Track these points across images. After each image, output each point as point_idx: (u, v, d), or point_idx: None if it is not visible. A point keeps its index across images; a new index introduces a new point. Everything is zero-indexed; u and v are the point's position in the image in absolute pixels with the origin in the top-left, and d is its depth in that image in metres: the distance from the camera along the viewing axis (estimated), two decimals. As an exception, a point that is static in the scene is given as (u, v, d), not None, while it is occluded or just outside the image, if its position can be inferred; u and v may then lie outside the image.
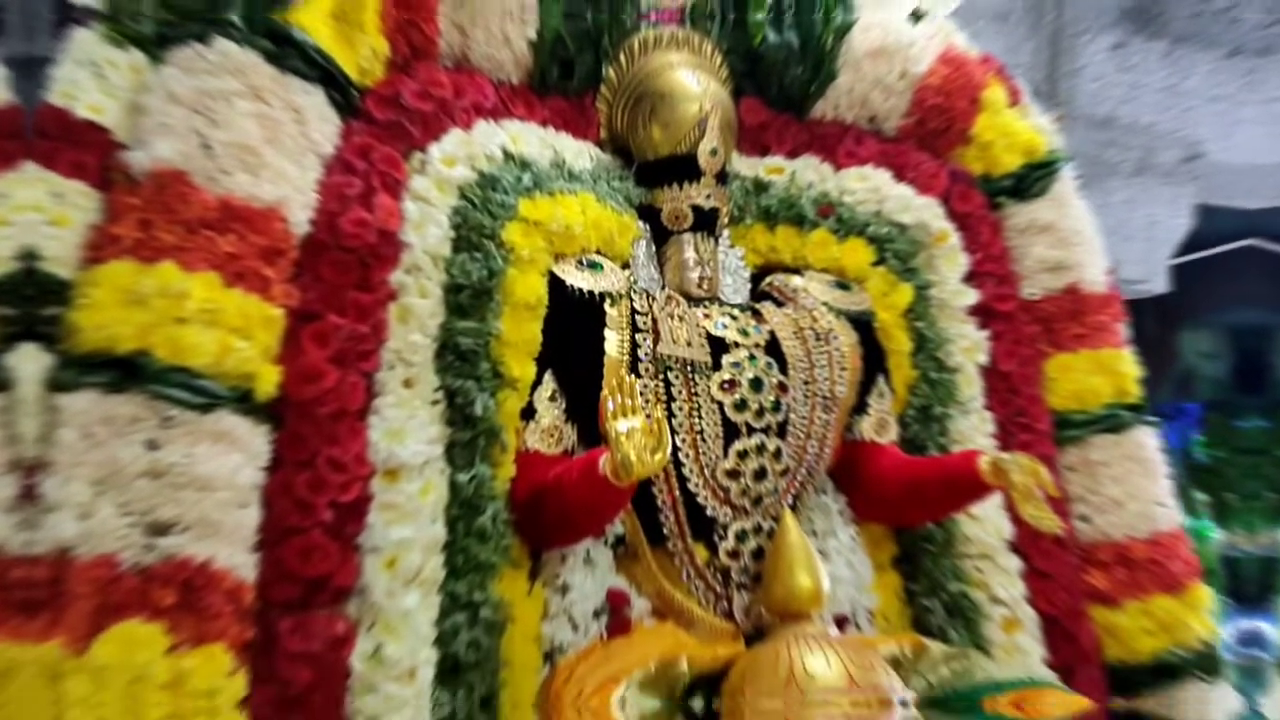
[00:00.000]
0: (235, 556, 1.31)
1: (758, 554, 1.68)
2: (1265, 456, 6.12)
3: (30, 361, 1.33)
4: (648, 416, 1.47)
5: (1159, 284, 3.85)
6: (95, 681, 1.18)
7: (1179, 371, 6.36)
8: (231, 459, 1.33)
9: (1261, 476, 6.14)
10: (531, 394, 1.61)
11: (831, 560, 1.78)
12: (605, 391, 1.47)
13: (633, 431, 1.43)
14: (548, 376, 1.63)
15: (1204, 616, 1.96)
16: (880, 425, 1.86)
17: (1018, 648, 1.84)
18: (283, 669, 1.33)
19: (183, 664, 1.22)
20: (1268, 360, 6.28)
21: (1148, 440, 2.05)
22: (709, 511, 1.67)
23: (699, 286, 1.78)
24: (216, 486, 1.31)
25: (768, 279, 1.89)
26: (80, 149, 1.39)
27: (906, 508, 1.83)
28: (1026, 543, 1.93)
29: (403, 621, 1.41)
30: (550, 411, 1.63)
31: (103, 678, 1.18)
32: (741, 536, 1.68)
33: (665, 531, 1.68)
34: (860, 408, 1.84)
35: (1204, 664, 1.94)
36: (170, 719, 1.20)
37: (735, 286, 1.85)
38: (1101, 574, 1.97)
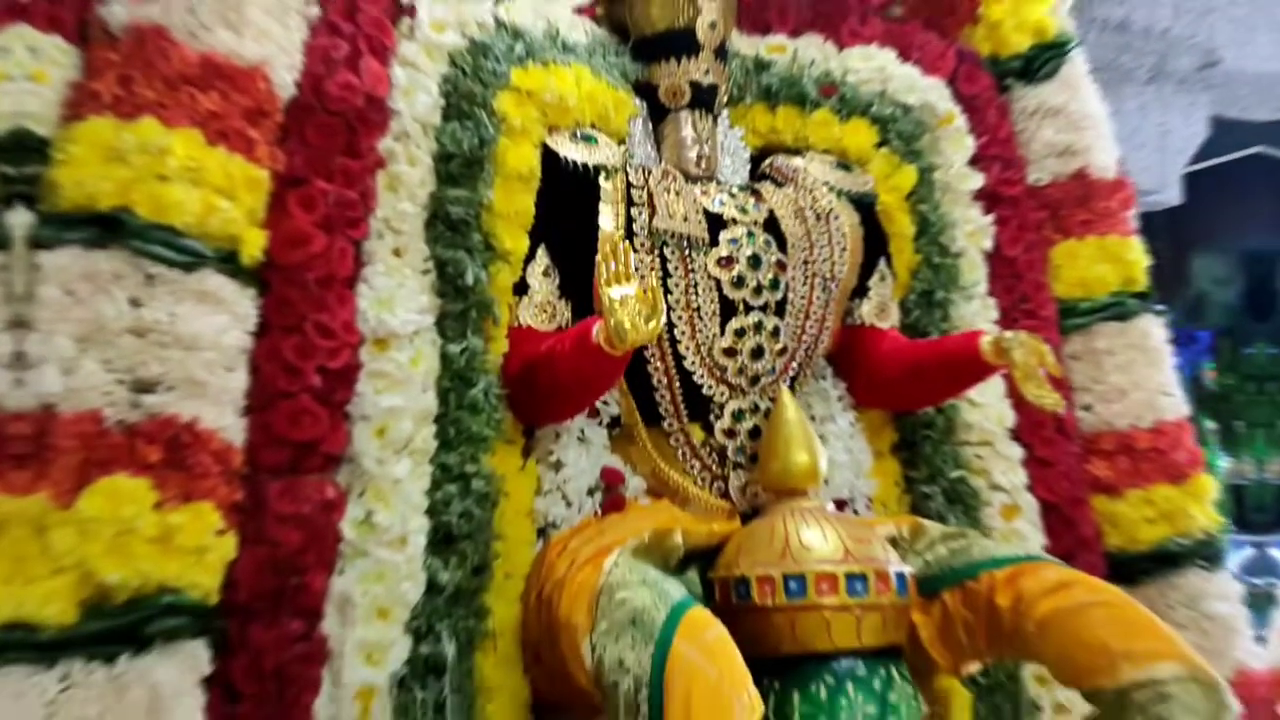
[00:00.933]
0: (223, 419, 1.30)
1: (754, 433, 1.66)
2: (1275, 383, 6.10)
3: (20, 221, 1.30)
4: (642, 282, 1.44)
5: (1172, 195, 3.78)
6: (82, 534, 1.17)
7: (1191, 297, 6.31)
8: (217, 320, 1.31)
9: (1271, 404, 6.13)
10: (524, 268, 1.59)
11: (830, 445, 1.76)
12: (599, 258, 1.44)
13: (626, 298, 1.40)
14: (541, 251, 1.60)
15: (1207, 506, 1.94)
16: (881, 309, 1.83)
17: (1017, 534, 1.83)
18: (272, 531, 1.32)
19: (170, 519, 1.21)
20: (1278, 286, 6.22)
21: (1154, 329, 2.02)
22: (705, 390, 1.65)
23: (697, 165, 1.74)
24: (202, 346, 1.28)
25: (768, 160, 1.85)
26: (56, 3, 1.35)
27: (907, 391, 1.80)
28: (1028, 431, 1.91)
29: (393, 489, 1.40)
30: (543, 287, 1.61)
31: (89, 530, 1.17)
32: (738, 416, 1.66)
33: (661, 411, 1.66)
34: (860, 291, 1.82)
35: (1206, 553, 1.93)
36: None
37: (734, 167, 1.81)
38: (1103, 463, 1.95)
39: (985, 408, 1.87)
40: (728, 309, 1.64)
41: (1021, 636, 1.49)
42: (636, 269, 1.51)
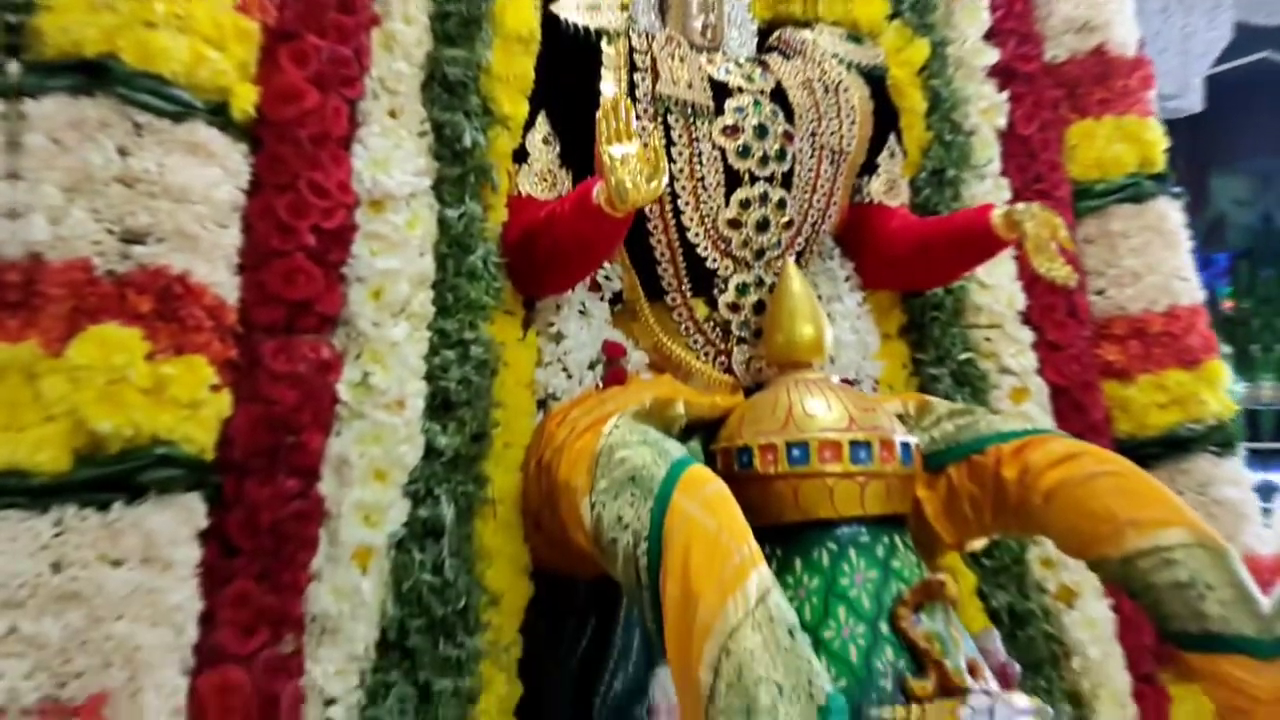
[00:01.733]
0: (215, 274, 1.27)
1: (758, 308, 1.63)
2: (1292, 307, 6.02)
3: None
4: (644, 143, 1.41)
5: (1194, 101, 3.69)
6: (73, 381, 1.15)
7: (1209, 218, 6.21)
8: (207, 173, 1.28)
9: (1288, 328, 6.05)
10: (524, 136, 1.55)
11: (837, 326, 1.74)
12: (599, 115, 1.40)
13: (628, 157, 1.36)
14: (541, 117, 1.57)
15: (1219, 392, 1.91)
16: (890, 187, 1.79)
17: (1026, 417, 1.80)
18: (267, 389, 1.31)
19: (162, 370, 1.19)
20: (1300, 209, 6.11)
21: (1170, 212, 1.97)
22: (709, 263, 1.62)
23: (702, 35, 1.69)
24: (192, 199, 1.26)
25: (776, 33, 1.80)
26: None
27: (915, 269, 1.77)
28: (1039, 314, 1.88)
29: (390, 351, 1.38)
30: (543, 155, 1.57)
31: (80, 378, 1.15)
32: (742, 289, 1.63)
33: (664, 285, 1.63)
34: (869, 167, 1.77)
35: (1217, 439, 1.90)
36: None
37: (741, 40, 1.76)
38: (1115, 348, 1.92)
39: (995, 289, 1.84)
40: (732, 179, 1.60)
41: (1027, 509, 1.47)
42: (638, 129, 1.48)
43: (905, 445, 1.46)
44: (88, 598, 1.12)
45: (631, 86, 1.57)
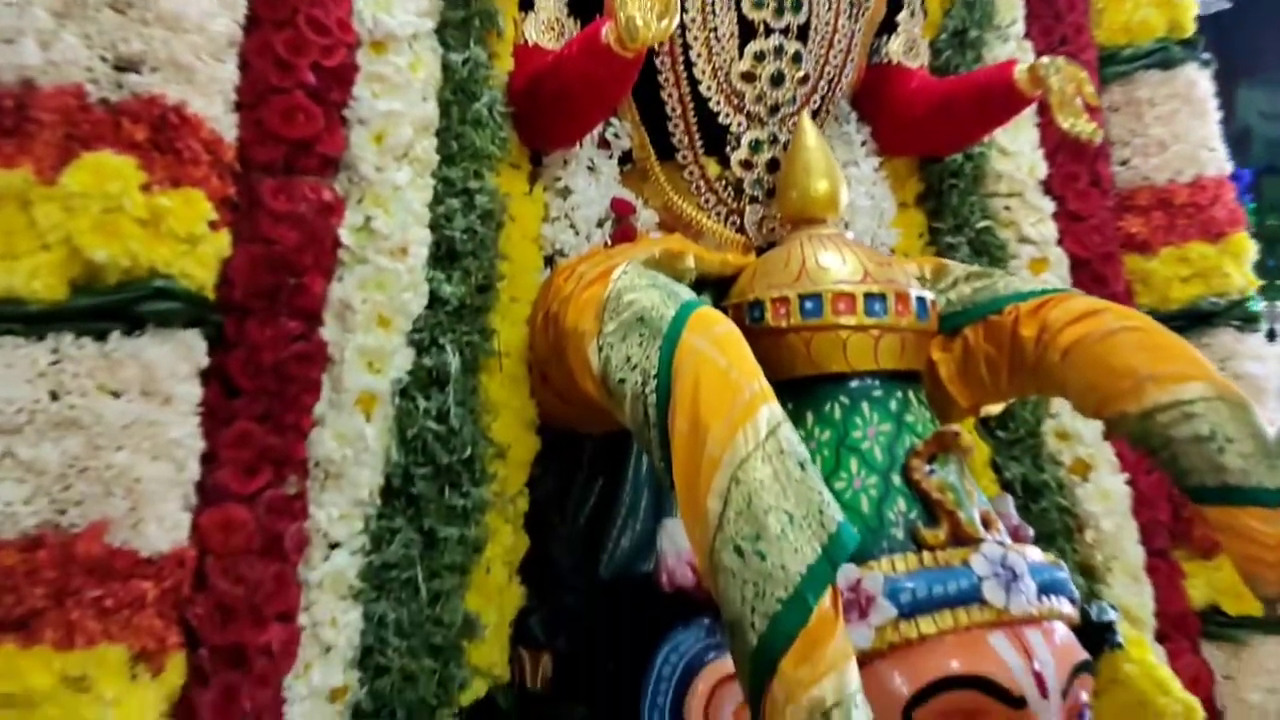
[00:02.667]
0: (211, 108, 1.23)
1: (772, 166, 1.59)
2: (1318, 224, 5.91)
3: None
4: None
5: (1220, -1, 3.57)
6: (67, 209, 1.12)
7: (1235, 132, 6.09)
8: (202, 2, 1.23)
9: (1314, 245, 5.95)
10: (531, -19, 1.51)
11: (852, 191, 1.69)
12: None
13: (639, -8, 1.32)
14: (548, -37, 1.52)
15: (1243, 266, 1.87)
16: (909, 47, 1.73)
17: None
18: (267, 229, 1.27)
19: (158, 202, 1.15)
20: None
21: (1199, 79, 1.91)
22: (721, 119, 1.57)
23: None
24: (186, 28, 1.21)
25: (793, -116, 1.73)
26: None
27: (934, 130, 1.72)
28: (1060, 183, 1.84)
29: (393, 196, 1.34)
30: (551, 3, 1.52)
31: (74, 205, 1.12)
32: (755, 146, 1.59)
33: (675, 143, 1.59)
34: (888, 26, 1.71)
35: (1239, 313, 1.87)
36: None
37: (757, -109, 1.70)
38: (1138, 219, 1.88)
39: (1016, 156, 1.80)
40: (746, 30, 1.55)
41: (1045, 367, 1.44)
42: None
43: (921, 300, 1.43)
44: (86, 426, 1.10)
45: (640, -71, 1.52)
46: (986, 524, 1.31)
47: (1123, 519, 1.76)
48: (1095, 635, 1.53)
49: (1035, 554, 1.31)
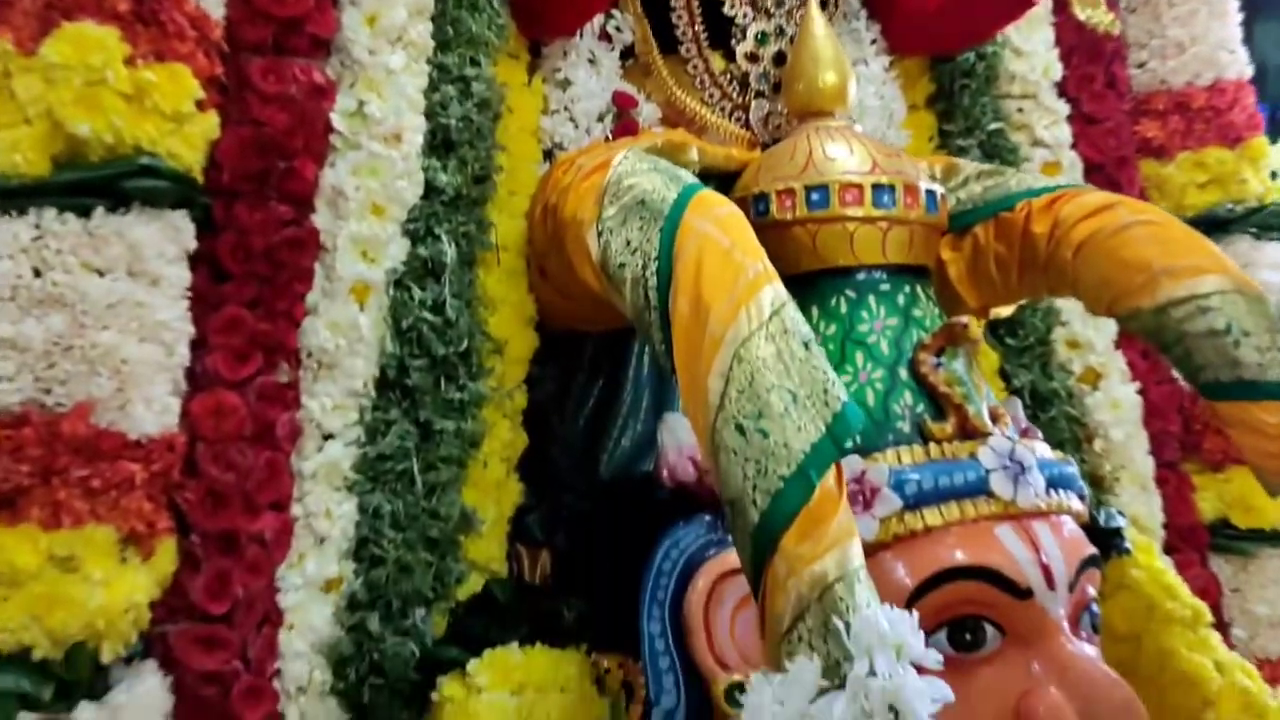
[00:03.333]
0: (196, -18, 1.20)
1: (778, 59, 1.54)
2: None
3: None
4: None
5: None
6: (48, 81, 1.08)
7: (1253, 66, 5.99)
8: None
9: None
10: None
11: (861, 90, 1.64)
12: None
13: None
14: None
15: (1261, 172, 1.82)
16: (920, -63, 1.68)
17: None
18: (256, 110, 1.24)
19: (143, 76, 1.12)
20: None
21: (1220, -22, 1.86)
22: (726, 10, 1.53)
23: None
24: (170, -103, 1.17)
25: None
26: None
27: (947, 24, 1.66)
28: (1075, 85, 1.80)
29: (387, 80, 1.30)
30: (547, -118, 1.47)
31: (56, 77, 1.08)
32: (761, 39, 1.54)
33: (678, 35, 1.54)
34: (898, -87, 1.66)
35: (1257, 220, 1.82)
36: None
37: None
38: (1155, 124, 1.83)
39: (1030, 57, 1.74)
40: (751, -83, 1.50)
41: (1057, 264, 1.40)
42: None
43: (930, 193, 1.39)
44: (71, 304, 1.07)
45: None
46: (995, 419, 1.28)
47: (1133, 429, 1.74)
48: (1103, 541, 1.51)
49: (1044, 449, 1.29)
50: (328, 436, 1.25)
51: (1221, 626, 1.74)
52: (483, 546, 1.30)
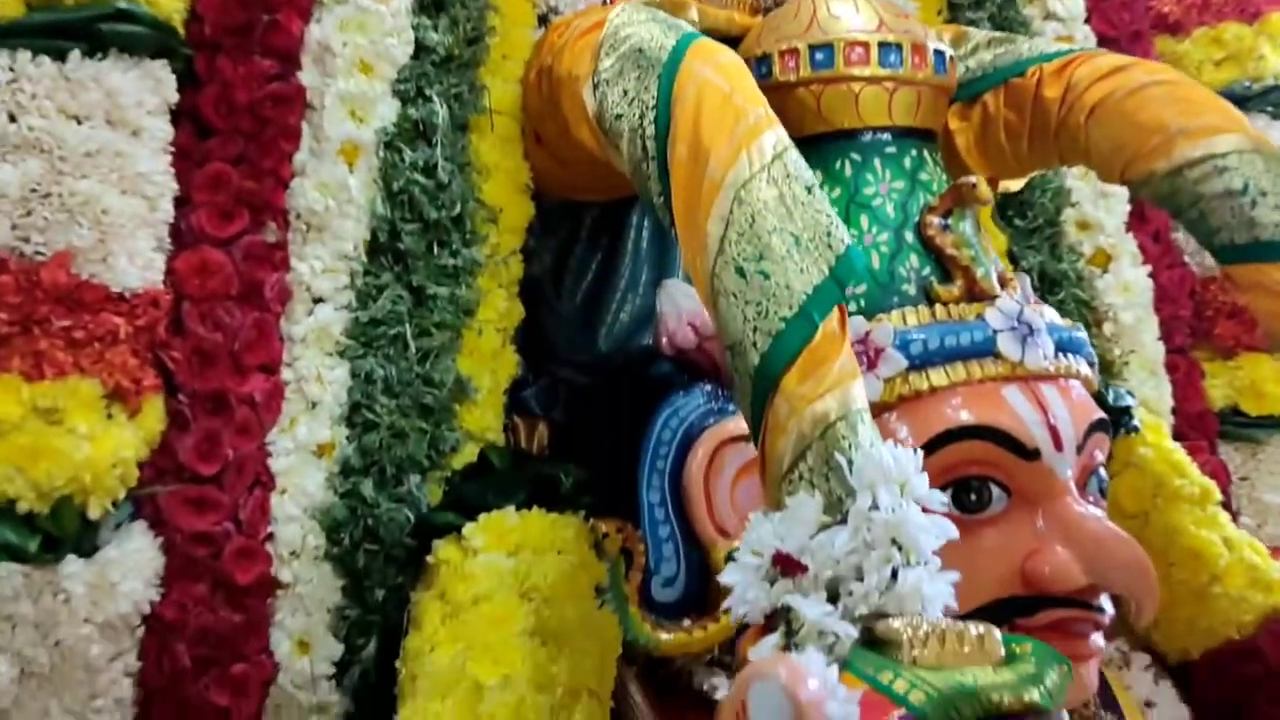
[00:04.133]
0: None
1: (783, -76, 1.48)
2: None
3: None
4: None
5: None
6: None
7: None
8: None
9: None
10: None
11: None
12: None
13: None
14: None
15: (1280, 48, 1.77)
16: None
17: (1070, 57, 1.67)
18: (237, -41, 1.19)
19: (118, -83, 1.08)
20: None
21: None
22: None
23: None
24: None
25: None
26: None
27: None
28: (1090, -44, 1.73)
29: (374, -68, 1.26)
30: None
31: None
32: (766, -98, 1.48)
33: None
34: None
35: (1275, 98, 1.77)
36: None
37: None
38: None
39: (1045, -72, 1.68)
40: None
41: (1069, 129, 1.35)
42: None
43: (939, 53, 1.33)
44: (48, 150, 1.04)
45: None
46: (1003, 283, 1.24)
47: (1143, 312, 1.70)
48: (1112, 419, 1.48)
49: (1052, 314, 1.25)
50: (318, 300, 1.22)
51: (1230, 515, 1.72)
52: (478, 416, 1.27)
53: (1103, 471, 1.22)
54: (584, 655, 1.08)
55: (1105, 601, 1.12)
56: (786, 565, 0.81)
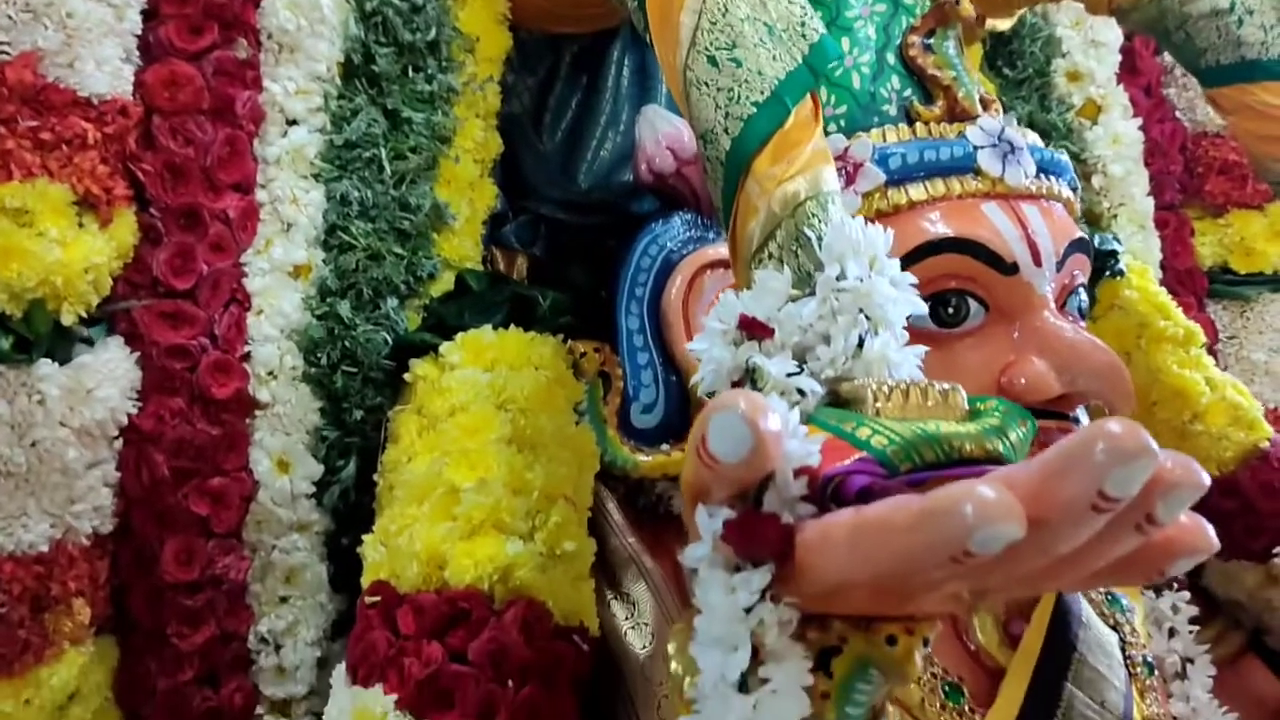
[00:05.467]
0: None
1: None
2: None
3: None
4: None
5: None
6: None
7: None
8: None
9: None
10: None
11: None
12: None
13: None
14: None
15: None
16: None
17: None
18: None
19: None
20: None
21: None
22: None
23: None
24: None
25: None
26: None
27: None
28: None
29: None
30: None
31: None
32: None
33: None
34: None
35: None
36: None
37: None
38: None
39: None
40: None
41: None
42: None
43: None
44: (10, -51, 1.02)
45: None
46: (985, 105, 1.23)
47: (1133, 165, 1.68)
48: (1098, 263, 1.47)
49: (1035, 137, 1.24)
50: (291, 122, 1.20)
51: (1217, 372, 1.72)
52: (456, 244, 1.27)
53: (1083, 293, 1.21)
54: (560, 464, 1.08)
55: (1082, 414, 1.13)
56: (752, 328, 0.81)
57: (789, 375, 0.78)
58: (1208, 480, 0.55)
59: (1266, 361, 1.76)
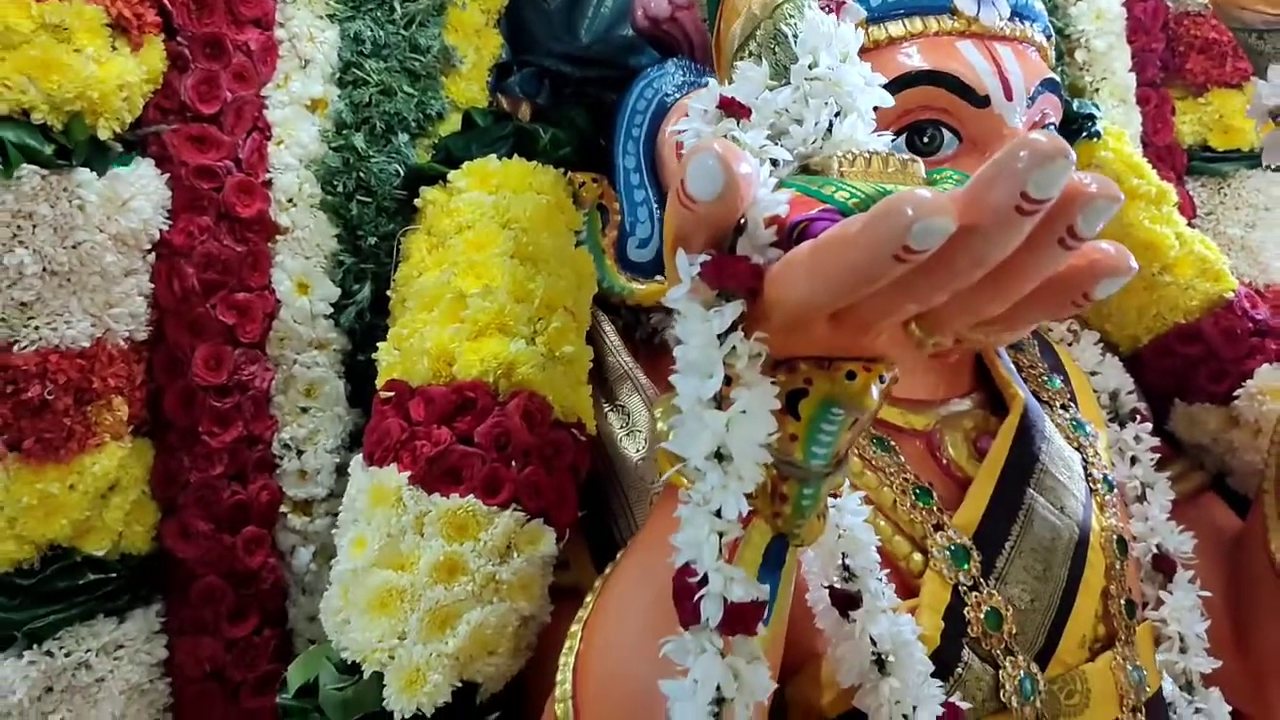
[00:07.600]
0: None
1: None
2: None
3: None
4: None
5: None
6: None
7: None
8: None
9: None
10: None
11: None
12: None
13: None
14: None
15: None
16: None
17: None
18: None
19: None
20: None
21: None
22: None
23: None
24: None
25: None
26: None
27: None
28: None
29: None
30: None
31: None
32: None
33: None
34: None
35: None
36: None
37: None
38: None
39: None
40: None
41: None
42: None
43: None
44: None
45: None
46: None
47: (1115, 40, 1.74)
48: (1076, 126, 1.54)
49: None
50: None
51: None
52: (463, 87, 1.34)
53: (1054, 130, 1.28)
54: (560, 278, 1.16)
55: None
56: (730, 107, 0.89)
57: (762, 146, 0.86)
58: (1123, 196, 0.62)
59: (1242, 237, 1.82)
